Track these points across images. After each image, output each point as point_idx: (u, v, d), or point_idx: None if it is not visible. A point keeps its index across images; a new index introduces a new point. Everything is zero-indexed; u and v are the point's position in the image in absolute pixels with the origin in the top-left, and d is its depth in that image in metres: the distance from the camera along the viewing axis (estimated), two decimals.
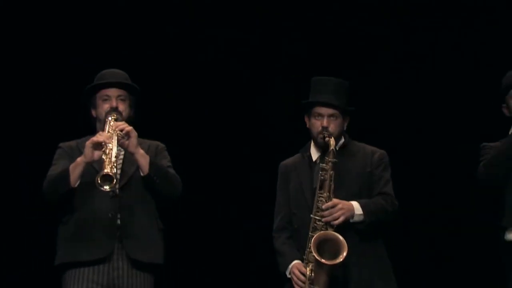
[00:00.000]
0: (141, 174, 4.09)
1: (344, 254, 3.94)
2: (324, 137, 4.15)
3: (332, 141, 4.12)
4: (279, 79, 5.73)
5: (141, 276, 4.08)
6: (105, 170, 3.85)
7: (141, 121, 4.20)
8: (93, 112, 4.22)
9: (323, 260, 3.95)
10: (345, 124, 4.27)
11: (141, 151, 4.08)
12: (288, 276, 4.14)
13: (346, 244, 3.96)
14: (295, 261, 4.14)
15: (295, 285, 4.08)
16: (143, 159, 4.07)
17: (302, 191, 4.23)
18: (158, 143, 4.30)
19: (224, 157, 5.87)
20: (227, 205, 5.80)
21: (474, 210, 5.55)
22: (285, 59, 5.84)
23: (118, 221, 4.05)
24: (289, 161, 4.38)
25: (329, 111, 4.19)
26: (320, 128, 4.18)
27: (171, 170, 4.22)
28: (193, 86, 5.92)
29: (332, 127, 4.17)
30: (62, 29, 5.76)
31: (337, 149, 4.18)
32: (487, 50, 5.68)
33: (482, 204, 5.38)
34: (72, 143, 4.23)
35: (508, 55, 5.56)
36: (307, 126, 4.29)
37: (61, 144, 4.25)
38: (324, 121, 4.17)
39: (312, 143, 4.30)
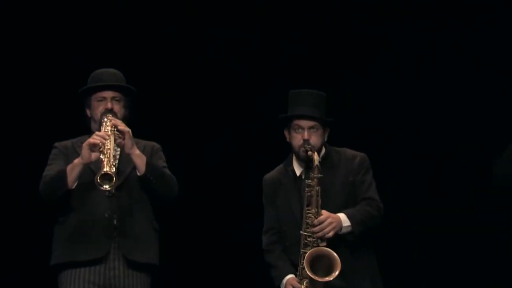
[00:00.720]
0: (138, 174, 4.09)
1: (338, 270, 3.94)
2: (306, 151, 4.11)
3: (315, 156, 4.08)
4: (279, 79, 5.72)
5: (137, 276, 4.08)
6: (105, 169, 3.86)
7: (139, 121, 4.21)
8: (88, 112, 4.23)
9: (316, 278, 3.95)
10: (326, 135, 4.25)
11: (137, 151, 4.08)
12: None
13: (339, 259, 3.96)
14: (289, 276, 4.13)
15: None
16: (139, 159, 4.08)
17: (290, 208, 4.21)
18: (154, 143, 4.31)
19: (223, 158, 5.88)
20: (225, 205, 5.79)
21: (474, 212, 5.57)
22: (285, 59, 5.83)
23: (115, 221, 4.05)
24: (273, 175, 4.36)
25: (309, 123, 4.16)
26: (301, 141, 4.15)
27: (167, 171, 4.22)
28: (192, 86, 5.92)
29: (313, 139, 4.15)
30: (62, 29, 5.76)
31: (320, 161, 4.13)
32: (487, 50, 5.67)
33: (482, 205, 5.42)
34: (68, 142, 4.24)
35: (508, 55, 5.56)
36: (287, 140, 4.27)
37: (56, 144, 4.25)
38: (305, 133, 4.15)
39: (294, 158, 4.29)
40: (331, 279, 3.95)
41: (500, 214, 5.35)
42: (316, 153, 4.09)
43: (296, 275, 4.10)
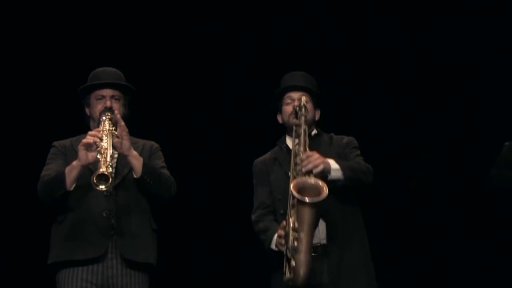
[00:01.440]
0: (134, 176, 4.08)
1: (324, 193, 3.80)
2: (295, 109, 4.12)
3: (303, 98, 4.12)
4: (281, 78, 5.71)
5: (135, 276, 4.07)
6: (101, 170, 3.84)
7: (139, 120, 4.20)
8: (87, 111, 4.22)
9: (301, 197, 3.80)
10: (317, 115, 4.29)
11: (134, 153, 4.07)
12: (275, 248, 4.02)
13: (325, 184, 3.84)
14: (278, 231, 3.99)
15: (280, 246, 3.93)
16: (136, 161, 4.06)
17: (286, 177, 4.12)
18: (153, 143, 4.30)
19: (221, 157, 5.88)
20: (224, 205, 5.79)
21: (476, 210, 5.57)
22: (286, 59, 5.81)
23: (112, 220, 4.03)
24: (265, 156, 4.37)
25: (300, 94, 4.20)
26: (292, 109, 4.18)
27: (165, 171, 4.21)
28: (192, 85, 5.92)
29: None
30: (62, 28, 5.76)
31: (312, 135, 4.18)
32: (485, 50, 5.66)
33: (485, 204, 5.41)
34: (66, 141, 4.23)
35: (508, 54, 5.56)
36: (280, 122, 4.31)
37: (55, 143, 4.24)
38: (295, 102, 4.18)
39: (287, 136, 4.30)
40: (320, 199, 3.81)
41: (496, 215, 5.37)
42: (304, 97, 4.13)
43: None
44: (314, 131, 4.28)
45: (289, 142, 4.28)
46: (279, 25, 5.91)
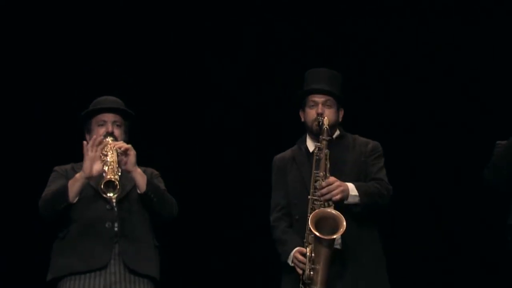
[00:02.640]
0: (138, 192, 4.10)
1: (342, 229, 3.88)
2: (319, 122, 4.14)
3: (325, 120, 4.13)
4: (279, 86, 5.70)
5: (139, 282, 4.07)
6: (108, 176, 3.87)
7: (138, 146, 4.18)
8: (88, 137, 4.21)
9: (321, 235, 3.88)
10: (340, 116, 4.30)
11: (139, 170, 4.09)
12: (291, 264, 4.08)
13: (344, 219, 3.91)
14: (297, 248, 4.07)
15: (297, 269, 4.02)
16: (140, 177, 4.08)
17: (302, 181, 4.17)
18: (153, 170, 4.32)
19: (222, 170, 5.87)
20: (225, 223, 5.79)
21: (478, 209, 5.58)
22: (284, 64, 5.80)
23: (115, 228, 4.05)
24: (285, 153, 4.37)
25: (324, 98, 4.20)
26: (315, 115, 4.19)
27: (167, 193, 4.23)
28: (190, 108, 5.92)
29: (327, 114, 4.17)
30: (60, 50, 5.73)
31: (334, 138, 4.18)
32: (485, 51, 5.65)
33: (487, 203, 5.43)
34: (67, 166, 4.24)
35: (508, 54, 5.54)
36: (302, 120, 4.31)
37: (56, 168, 4.25)
38: (319, 107, 4.19)
39: (308, 136, 4.31)
40: (335, 237, 3.90)
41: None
42: (326, 118, 4.14)
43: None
44: (337, 133, 4.29)
45: (309, 144, 4.29)
46: (281, 24, 5.88)
